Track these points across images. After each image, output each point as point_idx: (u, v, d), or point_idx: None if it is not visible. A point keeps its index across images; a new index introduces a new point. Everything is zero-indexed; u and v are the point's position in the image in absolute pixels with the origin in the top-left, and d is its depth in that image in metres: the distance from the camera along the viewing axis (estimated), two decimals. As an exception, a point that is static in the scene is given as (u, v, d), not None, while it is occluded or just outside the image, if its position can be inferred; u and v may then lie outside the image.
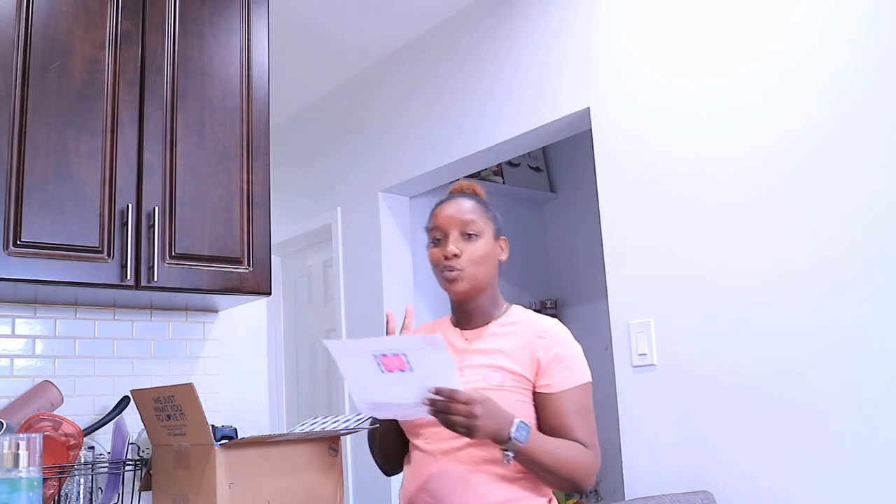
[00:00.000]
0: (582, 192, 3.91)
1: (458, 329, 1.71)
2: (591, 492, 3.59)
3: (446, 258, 1.62)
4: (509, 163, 4.05)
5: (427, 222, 1.72)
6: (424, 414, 1.44)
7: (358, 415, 1.69)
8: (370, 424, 1.67)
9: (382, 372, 1.41)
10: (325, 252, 4.09)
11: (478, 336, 1.67)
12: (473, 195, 1.73)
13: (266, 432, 2.03)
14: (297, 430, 1.64)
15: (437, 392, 1.41)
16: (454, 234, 1.63)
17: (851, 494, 1.91)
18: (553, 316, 3.94)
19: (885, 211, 1.91)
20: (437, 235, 1.67)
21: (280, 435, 1.62)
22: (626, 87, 2.54)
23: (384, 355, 1.39)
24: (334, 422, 1.68)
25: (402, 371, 1.40)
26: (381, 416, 1.57)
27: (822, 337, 1.99)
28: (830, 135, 2.02)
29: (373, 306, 3.54)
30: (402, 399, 1.44)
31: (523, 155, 4.03)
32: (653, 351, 2.37)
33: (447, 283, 1.64)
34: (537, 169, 4.24)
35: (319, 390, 4.16)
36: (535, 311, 1.75)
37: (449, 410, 1.41)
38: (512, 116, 2.94)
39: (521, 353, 1.61)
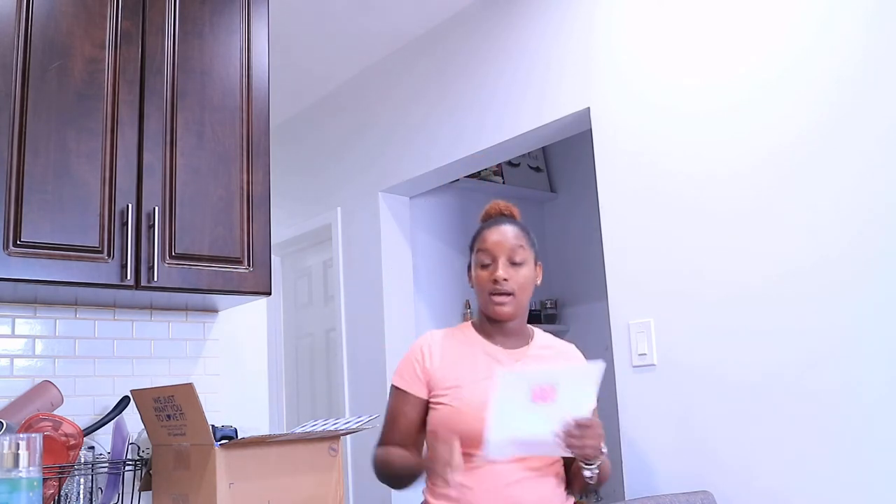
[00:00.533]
0: (582, 192, 3.91)
1: (495, 345, 1.80)
2: (591, 491, 3.59)
3: (495, 282, 1.73)
4: (509, 163, 4.05)
5: (473, 243, 1.83)
6: (552, 451, 1.57)
7: (359, 417, 1.69)
8: (370, 425, 1.69)
9: (531, 401, 1.50)
10: (325, 252, 4.09)
11: (522, 357, 1.79)
12: (514, 219, 1.86)
13: (266, 432, 2.03)
14: (297, 431, 1.64)
15: (578, 424, 1.51)
16: (502, 260, 1.75)
17: (851, 495, 1.91)
18: (552, 316, 3.97)
19: (885, 211, 1.91)
20: (485, 259, 1.77)
21: (280, 435, 1.62)
22: (626, 87, 2.54)
23: (540, 386, 1.49)
24: (335, 423, 1.68)
25: (546, 402, 1.49)
26: (509, 456, 1.62)
27: (822, 337, 1.99)
28: (830, 135, 2.02)
29: (373, 306, 3.54)
30: (538, 434, 1.52)
31: (523, 155, 4.02)
32: (653, 351, 2.37)
33: (494, 305, 1.75)
34: (537, 169, 4.24)
35: (319, 390, 4.16)
36: (535, 311, 1.82)
37: (585, 438, 1.51)
38: (512, 116, 2.94)
39: None
